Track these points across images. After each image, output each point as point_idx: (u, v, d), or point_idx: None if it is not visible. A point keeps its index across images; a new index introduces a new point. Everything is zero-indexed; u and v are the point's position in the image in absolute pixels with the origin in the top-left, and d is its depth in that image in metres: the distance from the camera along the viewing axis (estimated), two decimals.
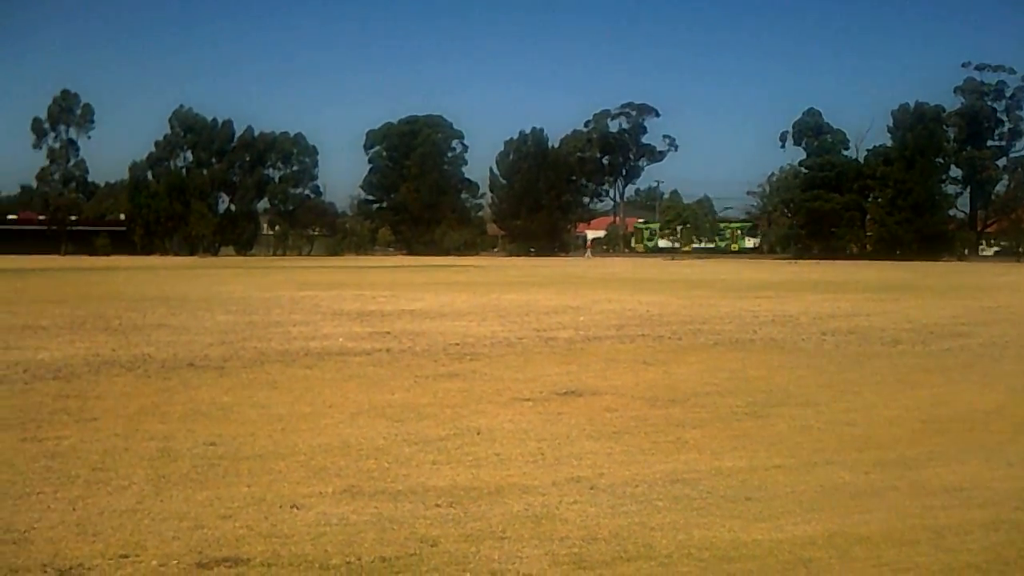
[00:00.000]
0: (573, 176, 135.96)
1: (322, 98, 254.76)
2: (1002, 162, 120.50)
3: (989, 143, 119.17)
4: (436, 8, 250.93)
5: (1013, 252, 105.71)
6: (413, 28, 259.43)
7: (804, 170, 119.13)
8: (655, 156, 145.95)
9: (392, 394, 12.91)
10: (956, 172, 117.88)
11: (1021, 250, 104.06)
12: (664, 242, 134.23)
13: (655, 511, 7.48)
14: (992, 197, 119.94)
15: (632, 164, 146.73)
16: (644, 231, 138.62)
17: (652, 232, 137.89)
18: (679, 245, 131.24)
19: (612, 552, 6.54)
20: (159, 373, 14.70)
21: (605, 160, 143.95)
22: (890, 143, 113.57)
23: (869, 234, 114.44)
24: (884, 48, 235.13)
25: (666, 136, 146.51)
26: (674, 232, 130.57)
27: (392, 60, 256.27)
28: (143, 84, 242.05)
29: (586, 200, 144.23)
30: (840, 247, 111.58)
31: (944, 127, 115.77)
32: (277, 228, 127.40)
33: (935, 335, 21.00)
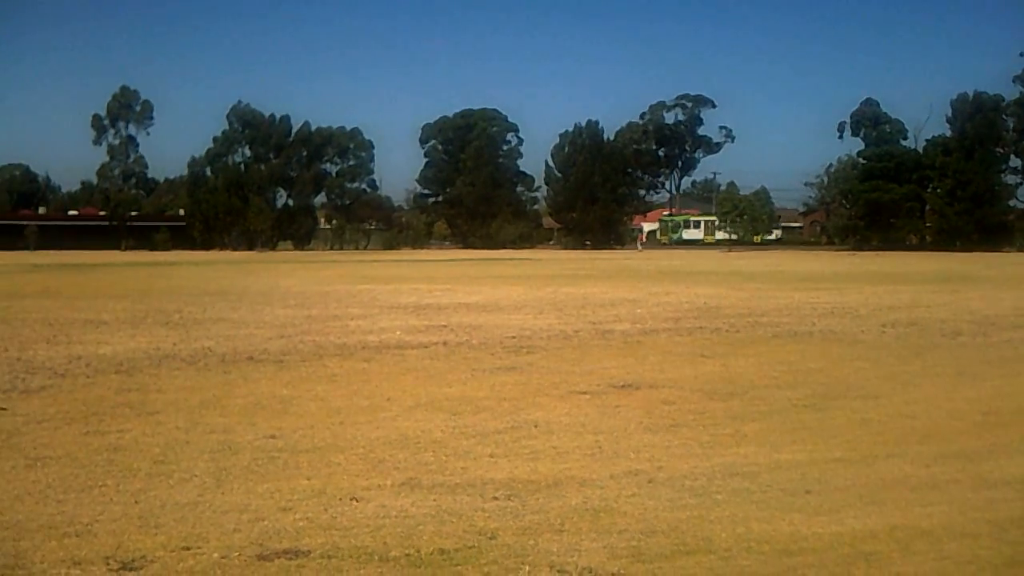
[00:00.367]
0: (629, 168, 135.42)
1: (378, 93, 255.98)
2: None
3: None
4: (490, 2, 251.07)
5: None
6: (468, 22, 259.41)
7: (862, 160, 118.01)
8: (711, 147, 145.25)
9: (449, 387, 12.95)
10: (1016, 162, 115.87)
11: None
12: (690, 234, 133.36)
13: (714, 504, 7.45)
14: None
15: (688, 156, 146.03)
16: (668, 223, 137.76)
17: (676, 224, 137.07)
18: (703, 237, 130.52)
19: (671, 545, 6.52)
20: (219, 367, 14.83)
21: (661, 152, 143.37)
22: (949, 133, 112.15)
23: (928, 225, 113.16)
24: (943, 37, 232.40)
25: (723, 127, 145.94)
26: (726, 224, 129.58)
27: (447, 54, 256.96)
28: (202, 80, 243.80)
29: (642, 192, 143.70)
30: (899, 238, 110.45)
31: (1003, 116, 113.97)
32: (334, 222, 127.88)
33: (996, 327, 20.76)
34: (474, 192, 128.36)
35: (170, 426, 10.36)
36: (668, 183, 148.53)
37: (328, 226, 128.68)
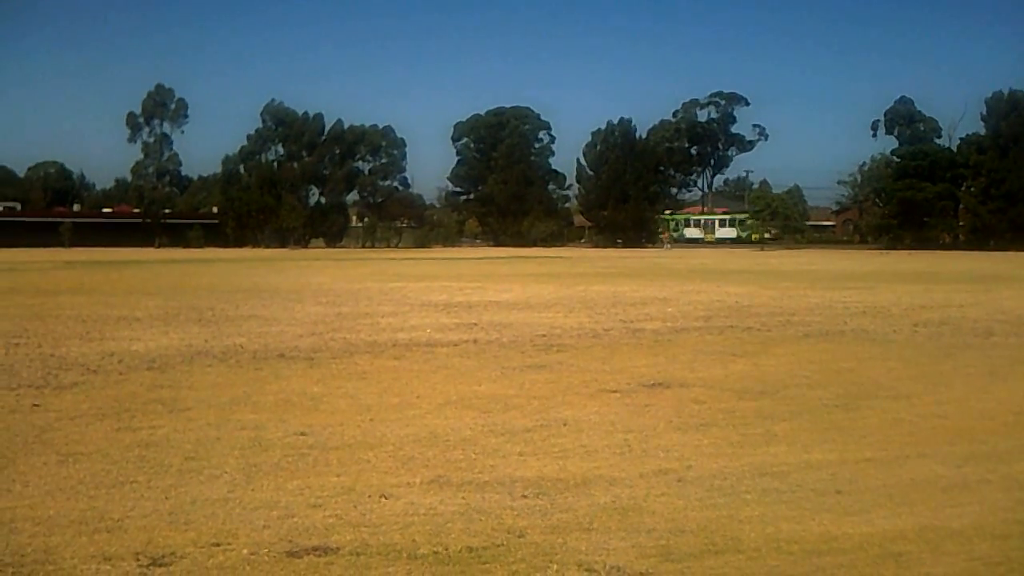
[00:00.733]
0: (661, 166, 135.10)
1: (410, 91, 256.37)
2: None
3: None
4: (522, 1, 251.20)
5: None
6: (500, 20, 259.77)
7: (896, 159, 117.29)
8: (744, 146, 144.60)
9: (479, 385, 12.96)
10: None
11: None
12: (690, 232, 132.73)
13: (743, 504, 7.44)
14: None
15: (721, 154, 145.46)
16: (669, 222, 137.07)
17: (677, 223, 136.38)
18: (704, 236, 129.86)
19: (700, 545, 6.51)
20: (250, 364, 14.90)
21: (694, 150, 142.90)
22: (983, 131, 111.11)
23: (962, 224, 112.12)
24: (977, 35, 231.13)
25: (756, 125, 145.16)
26: (760, 221, 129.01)
27: (479, 52, 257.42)
28: (236, 79, 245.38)
29: (674, 191, 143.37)
30: (932, 237, 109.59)
31: None
32: (366, 220, 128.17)
33: None
34: (505, 190, 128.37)
35: (201, 423, 10.41)
36: (700, 181, 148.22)
37: (360, 224, 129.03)
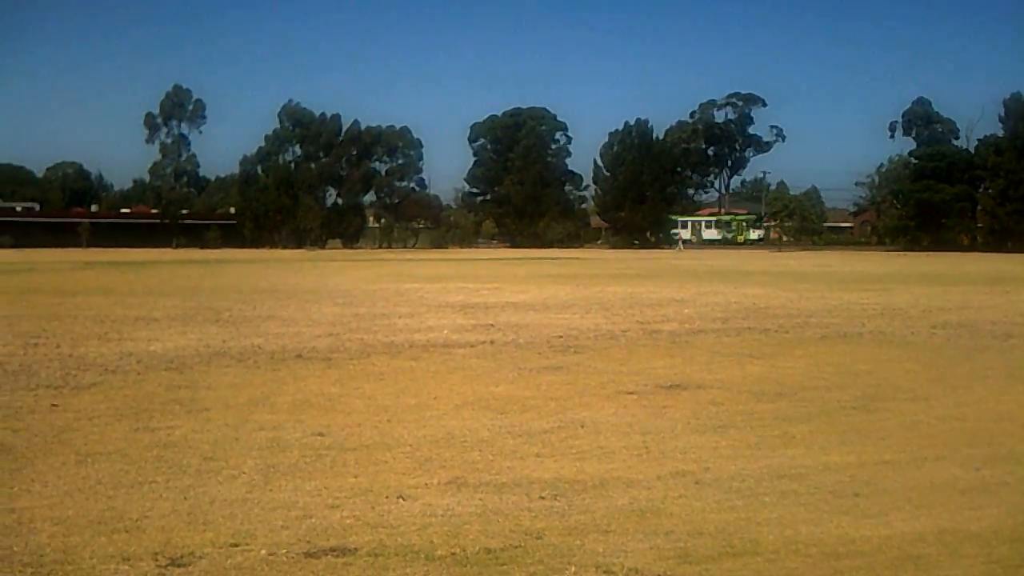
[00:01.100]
0: (678, 168, 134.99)
1: (427, 92, 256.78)
2: None
3: None
4: (539, 1, 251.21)
5: None
6: (516, 20, 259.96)
7: (914, 160, 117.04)
8: (762, 147, 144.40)
9: (496, 386, 12.96)
10: None
11: None
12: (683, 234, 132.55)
13: (761, 506, 7.42)
14: None
15: (738, 155, 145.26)
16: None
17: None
18: (693, 239, 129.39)
19: (718, 547, 6.49)
20: (268, 364, 14.92)
21: (711, 151, 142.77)
22: (1001, 133, 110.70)
23: (980, 226, 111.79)
24: (995, 36, 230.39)
25: (773, 126, 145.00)
26: (779, 223, 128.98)
27: (496, 53, 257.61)
28: (253, 80, 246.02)
29: (691, 192, 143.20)
30: (950, 239, 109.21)
31: None
32: (383, 221, 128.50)
33: None
34: (522, 191, 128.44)
35: (219, 423, 10.43)
36: (717, 182, 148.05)
37: (377, 224, 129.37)
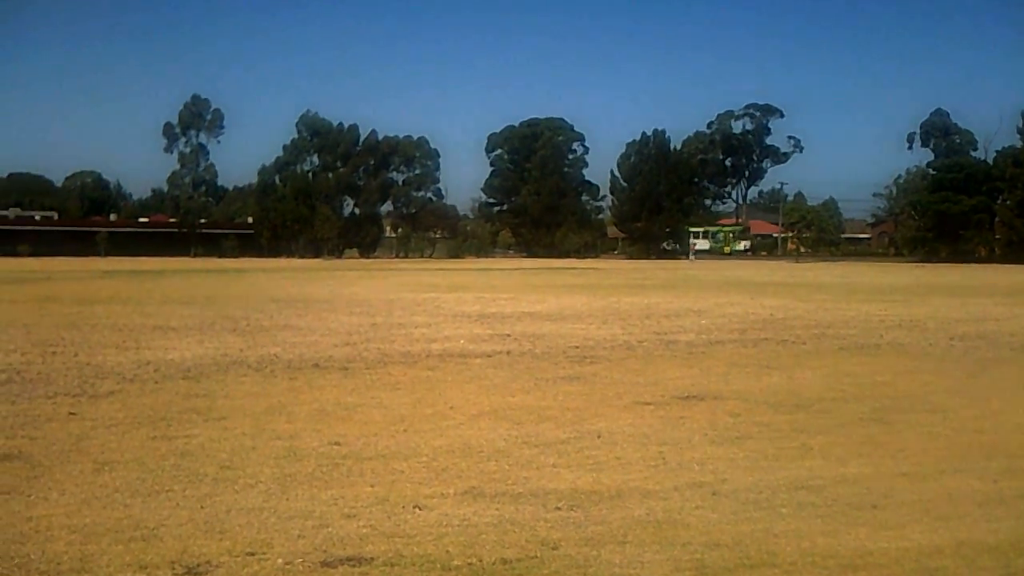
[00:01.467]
0: (695, 178, 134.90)
1: (445, 102, 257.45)
2: None
3: None
4: (557, 11, 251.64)
5: None
6: (534, 31, 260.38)
7: (932, 171, 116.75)
8: (779, 157, 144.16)
9: (513, 396, 12.95)
10: None
11: None
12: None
13: (778, 518, 7.40)
14: None
15: (755, 166, 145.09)
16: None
17: None
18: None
19: (735, 559, 6.48)
20: (285, 373, 14.95)
21: (728, 162, 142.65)
22: (1020, 144, 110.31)
23: (998, 237, 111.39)
24: (1012, 48, 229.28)
25: (791, 137, 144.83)
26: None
27: (513, 63, 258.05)
28: (272, 90, 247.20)
29: (708, 202, 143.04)
30: (968, 250, 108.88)
31: None
32: (400, 231, 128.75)
33: None
34: (539, 201, 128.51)
35: (236, 432, 10.45)
36: (735, 193, 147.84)
37: (394, 234, 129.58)
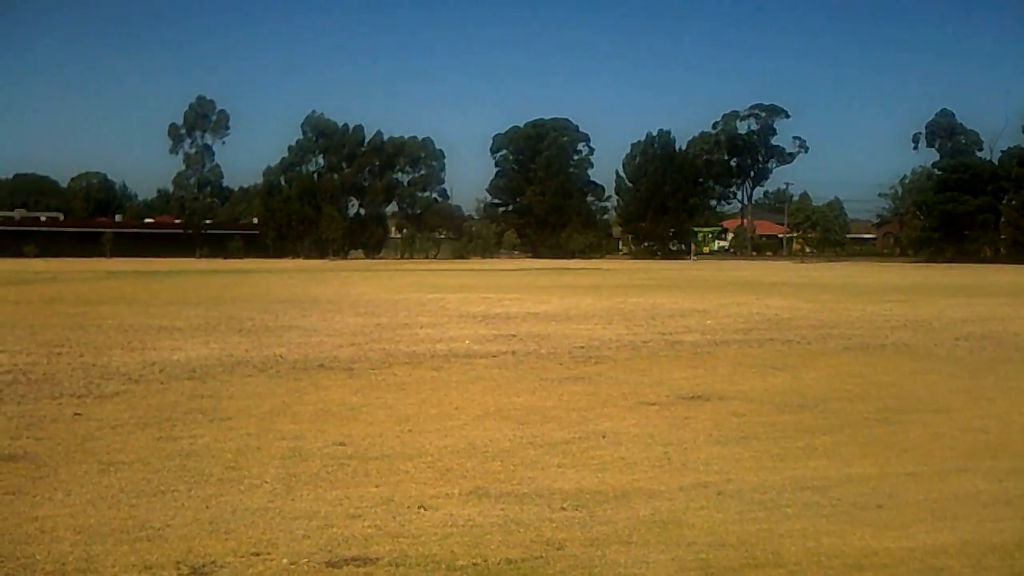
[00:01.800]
0: (700, 179, 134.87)
1: (450, 103, 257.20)
2: None
3: None
4: (562, 12, 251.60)
5: None
6: (539, 32, 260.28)
7: (937, 172, 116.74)
8: (784, 158, 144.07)
9: (517, 397, 12.95)
10: None
11: None
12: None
13: (784, 518, 7.39)
14: None
15: (761, 166, 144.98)
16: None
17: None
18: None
19: (740, 559, 6.47)
20: (290, 374, 14.95)
21: (733, 162, 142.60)
22: None
23: (1003, 237, 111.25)
24: (1018, 48, 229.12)
25: (796, 137, 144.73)
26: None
27: (518, 64, 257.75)
28: (277, 91, 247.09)
29: (713, 203, 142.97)
30: (973, 250, 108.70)
31: None
32: (405, 231, 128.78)
33: None
34: (544, 202, 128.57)
35: (241, 432, 10.46)
36: (740, 193, 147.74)
37: (399, 235, 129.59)
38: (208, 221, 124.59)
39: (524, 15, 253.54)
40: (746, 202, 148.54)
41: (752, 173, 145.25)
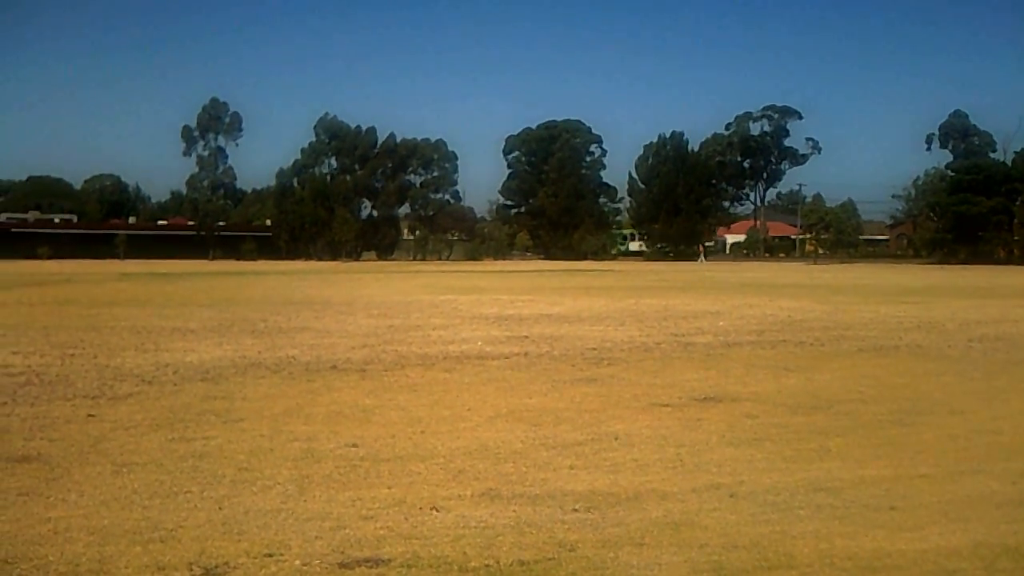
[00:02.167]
0: (713, 180, 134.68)
1: (462, 104, 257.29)
2: None
3: None
4: (574, 13, 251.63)
5: None
6: (551, 33, 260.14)
7: (951, 173, 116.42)
8: (797, 159, 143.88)
9: (530, 398, 12.94)
10: None
11: None
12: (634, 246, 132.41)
13: (796, 520, 7.38)
14: None
15: (774, 167, 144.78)
16: (616, 236, 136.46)
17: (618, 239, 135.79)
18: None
19: (752, 560, 6.46)
20: (303, 375, 14.97)
21: (746, 163, 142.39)
22: None
23: (1016, 239, 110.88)
24: None
25: (809, 139, 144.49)
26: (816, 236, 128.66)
27: (531, 66, 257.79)
28: (290, 93, 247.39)
29: (726, 204, 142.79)
30: (987, 252, 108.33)
31: None
32: (417, 233, 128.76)
33: None
34: (556, 203, 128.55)
35: (254, 433, 10.47)
36: (753, 195, 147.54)
37: (411, 236, 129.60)
38: (221, 223, 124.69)
39: (537, 17, 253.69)
40: (759, 203, 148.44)
41: (765, 174, 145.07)
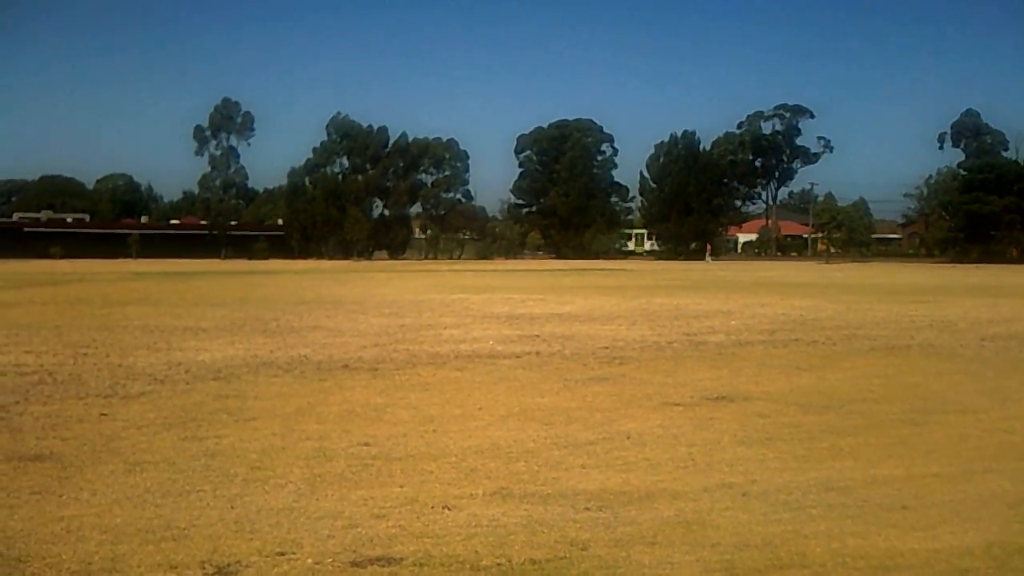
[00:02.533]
0: (724, 179, 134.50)
1: (474, 104, 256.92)
2: None
3: None
4: (586, 12, 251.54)
5: None
6: (563, 33, 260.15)
7: (963, 172, 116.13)
8: (809, 158, 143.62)
9: (541, 397, 12.95)
10: None
11: None
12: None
13: (809, 519, 7.37)
14: None
15: (785, 166, 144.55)
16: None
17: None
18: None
19: (764, 560, 6.45)
20: (315, 374, 14.98)
21: (758, 163, 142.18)
22: None
23: None
24: None
25: (820, 138, 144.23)
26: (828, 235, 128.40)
27: (542, 65, 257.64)
28: (302, 92, 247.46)
29: (738, 203, 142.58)
30: (999, 251, 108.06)
31: None
32: (429, 232, 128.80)
33: None
34: (568, 202, 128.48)
35: (266, 432, 10.49)
36: (764, 194, 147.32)
37: (423, 236, 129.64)
38: (233, 222, 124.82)
39: (548, 17, 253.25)
40: (771, 202, 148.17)
41: (777, 173, 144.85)
